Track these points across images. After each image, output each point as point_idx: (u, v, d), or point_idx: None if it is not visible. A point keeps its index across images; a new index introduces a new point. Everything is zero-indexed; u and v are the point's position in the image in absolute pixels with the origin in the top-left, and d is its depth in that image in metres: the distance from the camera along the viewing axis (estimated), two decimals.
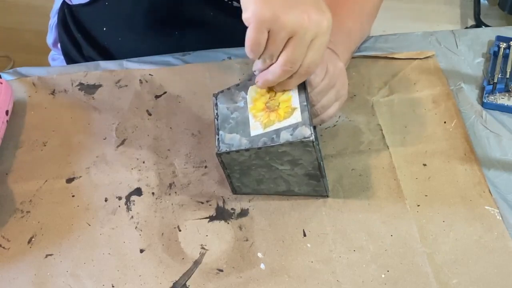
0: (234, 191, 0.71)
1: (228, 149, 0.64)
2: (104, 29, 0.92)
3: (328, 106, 0.70)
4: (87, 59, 0.96)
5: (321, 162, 0.66)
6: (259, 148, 0.63)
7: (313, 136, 0.61)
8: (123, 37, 0.92)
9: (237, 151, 0.64)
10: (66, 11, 0.96)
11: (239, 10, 0.60)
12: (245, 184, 0.69)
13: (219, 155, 0.65)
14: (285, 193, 0.70)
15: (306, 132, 0.62)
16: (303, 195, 0.70)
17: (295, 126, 0.63)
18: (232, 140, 0.64)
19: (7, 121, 0.75)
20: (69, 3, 0.93)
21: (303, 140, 0.62)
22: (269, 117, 0.65)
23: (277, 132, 0.63)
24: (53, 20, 1.03)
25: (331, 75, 0.69)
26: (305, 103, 0.64)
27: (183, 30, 0.91)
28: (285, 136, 0.62)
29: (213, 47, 0.87)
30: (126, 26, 0.91)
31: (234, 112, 0.67)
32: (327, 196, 0.70)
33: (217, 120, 0.67)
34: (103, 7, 0.89)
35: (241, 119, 0.66)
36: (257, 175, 0.67)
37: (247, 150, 0.63)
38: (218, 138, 0.65)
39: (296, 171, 0.66)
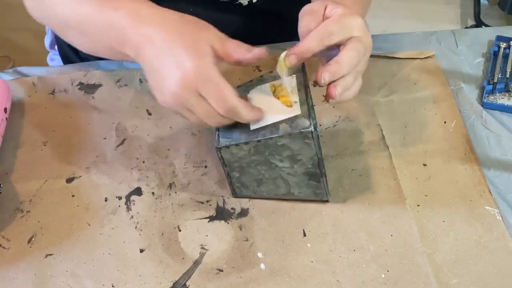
0: (234, 193, 0.70)
1: (227, 143, 0.64)
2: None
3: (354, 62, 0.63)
4: (84, 60, 0.96)
5: (322, 160, 0.66)
6: (259, 141, 0.63)
7: (312, 127, 0.61)
8: None
9: (237, 145, 0.64)
10: None
11: (237, 7, 0.59)
12: (245, 184, 0.69)
13: (218, 149, 0.65)
14: (284, 196, 0.70)
15: (305, 123, 0.62)
16: (303, 199, 0.70)
17: (294, 119, 0.62)
18: (231, 134, 0.64)
19: (6, 118, 0.74)
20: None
21: (302, 131, 0.61)
22: (268, 112, 0.64)
23: (276, 125, 0.63)
24: None
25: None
26: (305, 98, 0.64)
27: None
28: (284, 128, 0.62)
29: None
30: None
31: None
32: (328, 201, 0.70)
33: None
34: None
35: None
36: (256, 174, 0.67)
37: (246, 143, 0.63)
38: (218, 134, 0.65)
39: (296, 169, 0.66)
